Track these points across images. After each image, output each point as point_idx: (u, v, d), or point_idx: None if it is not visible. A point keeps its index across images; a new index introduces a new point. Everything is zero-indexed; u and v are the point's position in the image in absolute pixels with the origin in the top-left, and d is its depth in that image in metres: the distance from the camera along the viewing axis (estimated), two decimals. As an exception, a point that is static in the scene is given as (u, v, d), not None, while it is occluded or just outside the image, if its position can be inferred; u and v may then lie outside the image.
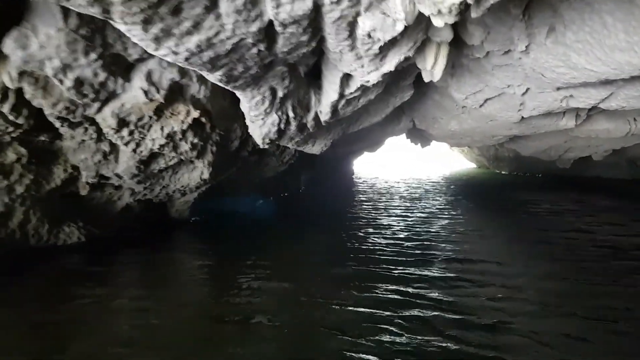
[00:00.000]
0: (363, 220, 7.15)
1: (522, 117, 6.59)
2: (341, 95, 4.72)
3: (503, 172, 17.29)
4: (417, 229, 6.39)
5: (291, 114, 4.71)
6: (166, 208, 5.98)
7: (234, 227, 6.56)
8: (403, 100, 6.96)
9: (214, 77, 3.18)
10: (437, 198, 10.04)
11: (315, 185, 12.47)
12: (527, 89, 5.37)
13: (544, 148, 10.75)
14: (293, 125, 4.98)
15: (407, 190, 11.78)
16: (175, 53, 2.59)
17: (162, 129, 4.21)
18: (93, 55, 3.24)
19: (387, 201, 9.46)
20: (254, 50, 2.92)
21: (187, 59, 2.68)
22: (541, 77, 4.39)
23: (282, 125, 4.79)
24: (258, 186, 7.96)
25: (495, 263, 4.67)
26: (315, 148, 7.06)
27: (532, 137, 9.64)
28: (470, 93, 6.40)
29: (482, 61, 5.41)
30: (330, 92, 4.66)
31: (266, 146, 5.06)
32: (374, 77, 4.11)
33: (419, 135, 12.92)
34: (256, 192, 8.20)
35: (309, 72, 4.56)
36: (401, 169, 19.88)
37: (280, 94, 4.24)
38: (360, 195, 11.09)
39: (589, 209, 8.22)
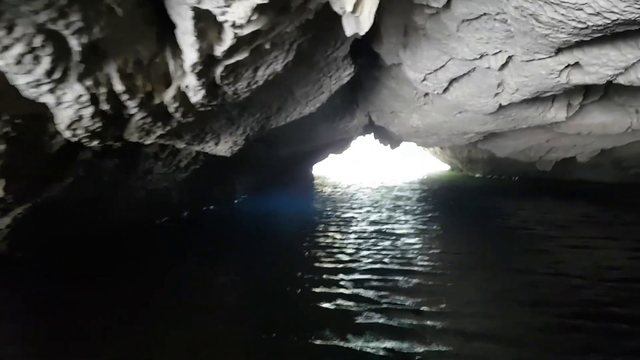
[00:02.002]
0: (308, 249, 5.29)
1: (500, 105, 5.03)
2: (209, 57, 2.87)
3: (477, 175, 16.14)
4: (368, 260, 4.64)
5: (119, 88, 2.80)
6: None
7: (82, 271, 4.22)
8: (341, 82, 5.22)
9: None
10: (398, 212, 8.41)
11: (259, 195, 10.59)
12: (509, 59, 3.78)
13: (522, 148, 9.44)
14: (134, 109, 3.07)
15: (369, 199, 10.10)
16: None
17: None
18: None
19: (344, 218, 7.76)
20: None
21: None
22: (533, 27, 2.74)
23: (108, 108, 2.87)
24: (145, 201, 5.91)
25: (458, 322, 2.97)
26: (220, 148, 5.16)
27: (510, 135, 8.23)
28: (430, 70, 4.75)
29: (443, 17, 3.75)
30: (186, 49, 2.78)
31: (93, 143, 3.12)
32: (240, 14, 2.30)
33: (385, 135, 11.32)
34: (145, 210, 6.13)
35: (160, 22, 2.68)
36: (367, 172, 18.43)
37: (75, 45, 2.32)
38: (314, 206, 9.30)
39: (574, 221, 6.79)
